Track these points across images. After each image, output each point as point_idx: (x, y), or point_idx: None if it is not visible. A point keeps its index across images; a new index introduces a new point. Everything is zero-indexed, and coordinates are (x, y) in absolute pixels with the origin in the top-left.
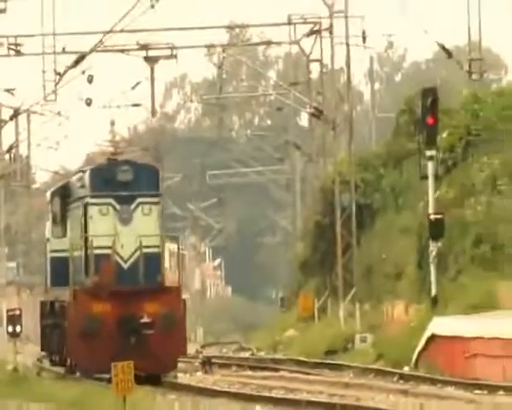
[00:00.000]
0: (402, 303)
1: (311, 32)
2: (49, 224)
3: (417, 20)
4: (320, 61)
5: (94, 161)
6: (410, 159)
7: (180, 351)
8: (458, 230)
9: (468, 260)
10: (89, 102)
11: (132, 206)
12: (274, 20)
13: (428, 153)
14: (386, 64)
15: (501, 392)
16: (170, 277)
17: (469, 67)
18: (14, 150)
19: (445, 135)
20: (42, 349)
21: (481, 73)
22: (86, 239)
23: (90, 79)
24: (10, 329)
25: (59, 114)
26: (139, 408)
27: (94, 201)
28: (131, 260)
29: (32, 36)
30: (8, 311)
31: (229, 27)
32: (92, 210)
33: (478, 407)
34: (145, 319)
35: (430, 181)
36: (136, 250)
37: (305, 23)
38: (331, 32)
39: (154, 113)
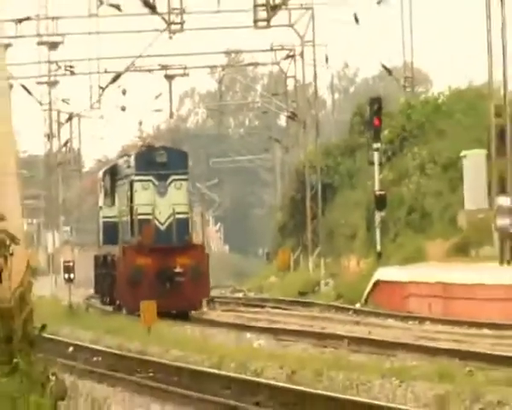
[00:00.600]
0: (355, 257)
1: (288, 56)
2: (101, 196)
3: (367, 46)
4: (294, 77)
5: (127, 151)
6: (361, 150)
7: (204, 294)
8: (396, 203)
9: (403, 225)
10: (123, 109)
11: (167, 182)
12: (260, 48)
13: (374, 146)
14: (343, 79)
15: (427, 322)
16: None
17: (404, 82)
18: (68, 144)
19: (386, 132)
20: (95, 292)
21: (413, 87)
22: (132, 208)
23: (124, 92)
24: (66, 276)
25: (101, 117)
26: (160, 335)
27: (138, 178)
28: (166, 223)
29: (82, 60)
30: (64, 262)
31: (227, 52)
32: (136, 185)
33: (411, 333)
34: (177, 269)
35: (376, 167)
36: (170, 216)
37: (283, 49)
38: (302, 56)
39: (171, 115)
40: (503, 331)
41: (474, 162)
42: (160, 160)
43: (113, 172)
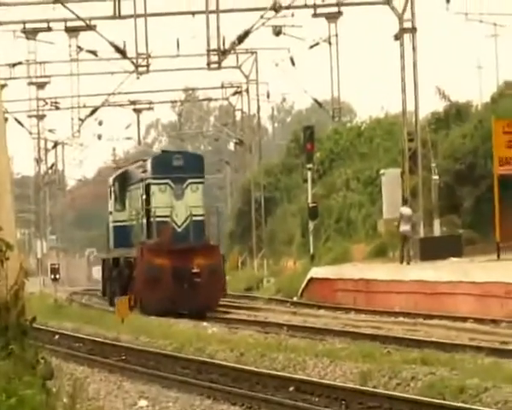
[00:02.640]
0: (292, 259)
1: (236, 93)
2: (111, 201)
3: (301, 83)
4: (241, 110)
5: (102, 172)
6: (297, 169)
7: (220, 294)
8: (326, 213)
9: (332, 231)
10: (99, 137)
11: (184, 185)
12: (213, 85)
13: (308, 166)
14: (281, 111)
15: (352, 312)
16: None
17: (332, 113)
18: (54, 167)
19: (318, 155)
20: (103, 294)
21: (339, 117)
22: (149, 210)
23: (100, 123)
24: (52, 276)
25: (81, 144)
26: (131, 324)
27: (155, 181)
28: (184, 225)
29: (65, 97)
30: (50, 265)
31: (185, 90)
32: (154, 188)
33: (338, 321)
34: (194, 270)
35: (309, 183)
36: (187, 218)
37: (231, 87)
38: (248, 92)
39: (139, 142)
40: (415, 319)
41: (390, 179)
42: (176, 163)
43: (123, 178)
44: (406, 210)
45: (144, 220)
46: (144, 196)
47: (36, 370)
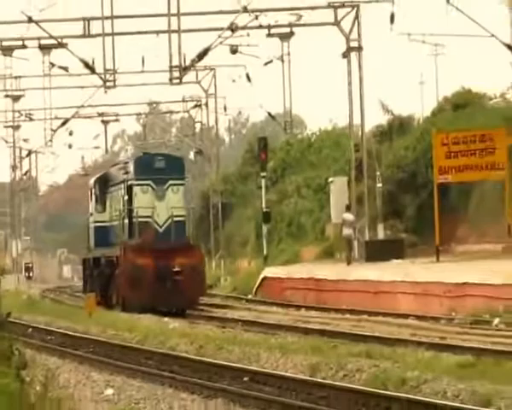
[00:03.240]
0: (247, 259)
1: (196, 106)
2: (92, 203)
3: (256, 97)
4: (201, 122)
5: (72, 179)
6: (252, 177)
7: (201, 292)
8: (278, 217)
9: (284, 234)
10: (70, 146)
11: (165, 186)
12: (175, 99)
13: (262, 174)
14: (237, 124)
15: (303, 309)
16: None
17: (284, 125)
18: (28, 173)
19: (271, 164)
20: (84, 291)
21: (291, 129)
22: (131, 211)
23: (71, 133)
24: (26, 274)
25: (53, 153)
26: (99, 319)
27: (137, 182)
28: (165, 225)
29: (38, 109)
30: (25, 264)
31: (149, 103)
32: (136, 189)
33: (290, 317)
34: (176, 269)
35: (263, 190)
36: (168, 218)
37: (192, 101)
38: (207, 106)
39: (106, 151)
40: (360, 316)
41: (338, 186)
42: (158, 165)
43: (104, 180)
44: (348, 216)
45: (126, 221)
46: (126, 197)
47: (11, 360)
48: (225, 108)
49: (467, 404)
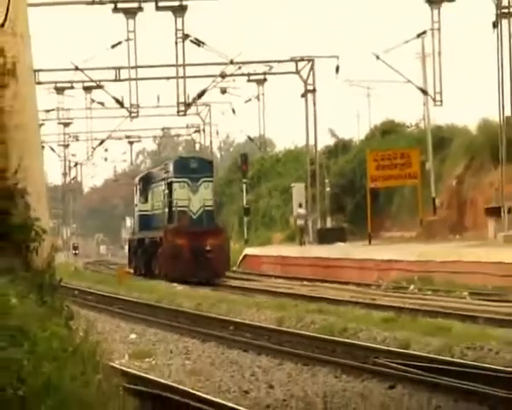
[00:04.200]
0: (232, 242)
1: (196, 131)
2: (136, 196)
3: (239, 124)
4: (200, 143)
5: (107, 183)
6: (236, 182)
7: (226, 266)
8: (255, 212)
9: (259, 224)
10: (106, 159)
11: (198, 183)
12: (181, 126)
13: (243, 180)
14: (226, 144)
15: (273, 278)
16: None
17: (260, 145)
18: (75, 179)
19: (250, 173)
20: (129, 265)
21: (264, 148)
22: (171, 202)
23: (106, 150)
24: (73, 252)
25: (93, 164)
26: (128, 285)
27: (176, 179)
28: (198, 213)
29: (82, 132)
30: (73, 244)
31: (163, 129)
32: (175, 185)
33: (264, 284)
34: (207, 248)
35: (244, 192)
36: (200, 208)
37: (193, 127)
38: (204, 131)
39: (132, 163)
40: (314, 283)
41: (297, 190)
42: (192, 166)
43: (146, 178)
44: (301, 211)
45: (166, 210)
46: (166, 191)
47: (62, 314)
48: (217, 133)
49: (391, 347)
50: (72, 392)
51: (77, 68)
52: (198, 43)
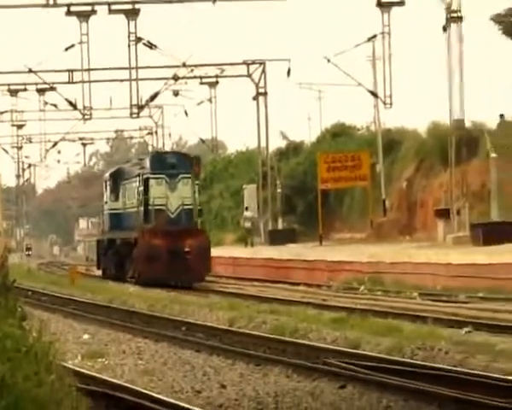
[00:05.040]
0: None
1: (149, 133)
2: (106, 193)
3: (191, 127)
4: (152, 145)
5: (60, 185)
6: None
7: (207, 269)
8: (208, 212)
9: (212, 225)
10: (58, 161)
11: (176, 179)
12: (134, 128)
13: (196, 182)
14: (178, 146)
15: (224, 278)
16: None
17: (212, 147)
18: (28, 180)
19: (202, 175)
20: (98, 267)
21: (217, 150)
22: (147, 200)
23: (59, 152)
24: (27, 252)
25: (46, 166)
26: (80, 285)
27: (153, 176)
28: (176, 212)
29: (35, 134)
30: (26, 245)
31: (116, 131)
32: (152, 182)
33: (216, 284)
34: (186, 249)
35: (197, 194)
36: (179, 206)
37: (146, 129)
38: (157, 133)
39: (84, 165)
40: (265, 283)
41: (250, 191)
42: (170, 161)
43: (117, 175)
44: (248, 214)
45: (141, 208)
46: (141, 188)
47: (15, 314)
48: (170, 135)
49: (341, 347)
50: (25, 392)
51: (30, 71)
52: (150, 45)
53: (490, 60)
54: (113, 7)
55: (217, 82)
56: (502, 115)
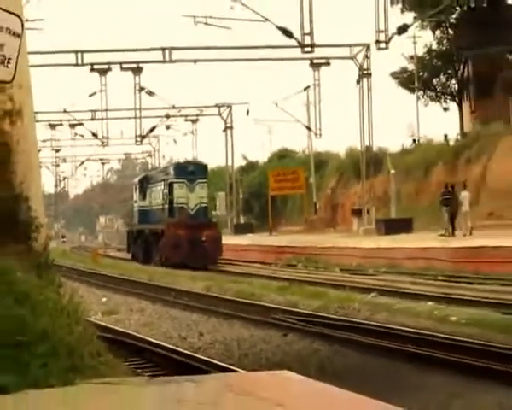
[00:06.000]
0: None
1: (149, 155)
2: (136, 194)
3: (181, 151)
4: (152, 164)
5: (86, 192)
6: None
7: (219, 254)
8: None
9: None
10: (85, 175)
11: (194, 183)
12: (138, 152)
13: None
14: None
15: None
16: None
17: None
18: (63, 188)
19: None
20: (128, 252)
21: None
22: (172, 200)
23: (85, 168)
24: (62, 239)
25: (76, 179)
26: (101, 263)
27: (176, 180)
28: (195, 209)
29: (69, 156)
30: (61, 234)
31: (125, 154)
32: (175, 185)
33: None
34: (203, 238)
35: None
36: (196, 205)
37: (147, 153)
38: (155, 156)
39: (103, 178)
40: (232, 262)
41: (220, 197)
42: (190, 169)
43: (145, 180)
44: (217, 212)
45: (167, 206)
46: (167, 191)
47: (54, 283)
48: (164, 157)
49: (284, 306)
50: (60, 338)
51: (65, 111)
52: (150, 93)
53: (391, 103)
54: (124, 66)
55: (197, 119)
56: (414, 140)
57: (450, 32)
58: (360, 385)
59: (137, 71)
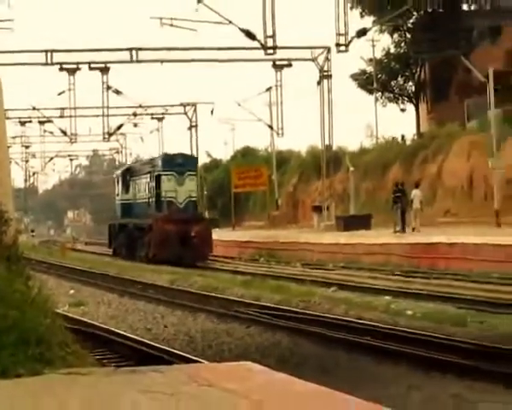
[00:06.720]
0: None
1: (116, 152)
2: (118, 187)
3: (148, 148)
4: (119, 161)
5: (55, 186)
6: None
7: (209, 250)
8: None
9: None
10: (54, 170)
11: (184, 176)
12: (105, 148)
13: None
14: (136, 161)
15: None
16: None
17: None
18: (32, 184)
19: None
20: (109, 246)
21: None
22: (159, 193)
23: (54, 164)
24: (32, 233)
25: (45, 174)
26: (70, 257)
27: (164, 173)
28: (184, 203)
29: (38, 151)
30: (31, 228)
31: (93, 150)
32: (163, 178)
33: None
34: (192, 234)
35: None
36: (186, 198)
37: (114, 149)
38: (122, 153)
39: (71, 174)
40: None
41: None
42: (178, 161)
43: (128, 172)
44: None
45: (153, 200)
46: (153, 184)
47: (23, 276)
48: (130, 154)
49: (247, 299)
50: (29, 330)
51: (34, 108)
52: (117, 92)
53: (350, 104)
54: (92, 65)
55: (163, 118)
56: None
57: (408, 35)
58: (319, 376)
59: (105, 70)
